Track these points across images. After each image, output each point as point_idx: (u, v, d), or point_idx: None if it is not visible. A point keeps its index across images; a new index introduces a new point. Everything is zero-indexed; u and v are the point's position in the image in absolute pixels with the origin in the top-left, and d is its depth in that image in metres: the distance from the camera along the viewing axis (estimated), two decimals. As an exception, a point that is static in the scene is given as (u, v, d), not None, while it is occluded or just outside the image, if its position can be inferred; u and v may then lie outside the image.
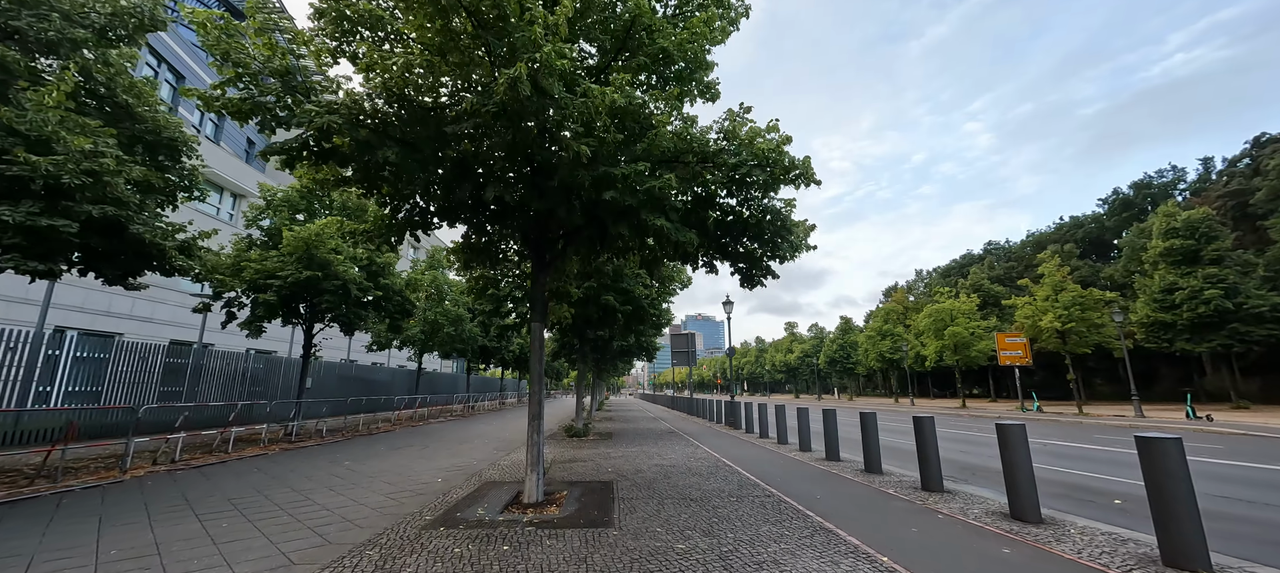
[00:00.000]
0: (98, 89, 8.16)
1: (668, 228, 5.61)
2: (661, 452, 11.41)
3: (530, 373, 6.82)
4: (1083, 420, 21.79)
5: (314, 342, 16.03)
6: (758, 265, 7.30)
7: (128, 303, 19.59)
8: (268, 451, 11.15)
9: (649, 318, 15.58)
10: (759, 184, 6.13)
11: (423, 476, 8.55)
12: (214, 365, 18.97)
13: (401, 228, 7.11)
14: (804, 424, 11.96)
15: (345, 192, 16.05)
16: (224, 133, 24.75)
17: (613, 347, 23.18)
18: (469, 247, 8.43)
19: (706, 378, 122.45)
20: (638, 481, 7.89)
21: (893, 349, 48.43)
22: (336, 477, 8.34)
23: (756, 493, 6.96)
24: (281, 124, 5.31)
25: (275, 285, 13.22)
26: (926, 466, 7.25)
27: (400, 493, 7.15)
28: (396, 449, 11.91)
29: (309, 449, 11.77)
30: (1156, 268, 28.45)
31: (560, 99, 4.74)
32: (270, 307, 13.50)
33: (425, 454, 11.15)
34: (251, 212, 14.91)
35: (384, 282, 15.42)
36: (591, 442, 13.55)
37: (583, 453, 11.17)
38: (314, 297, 13.69)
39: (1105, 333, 25.60)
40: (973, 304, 35.95)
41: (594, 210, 6.56)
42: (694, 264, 7.74)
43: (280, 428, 14.92)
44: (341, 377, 25.06)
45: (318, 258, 13.50)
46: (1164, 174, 55.89)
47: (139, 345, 15.76)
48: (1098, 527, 5.37)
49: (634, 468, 9.08)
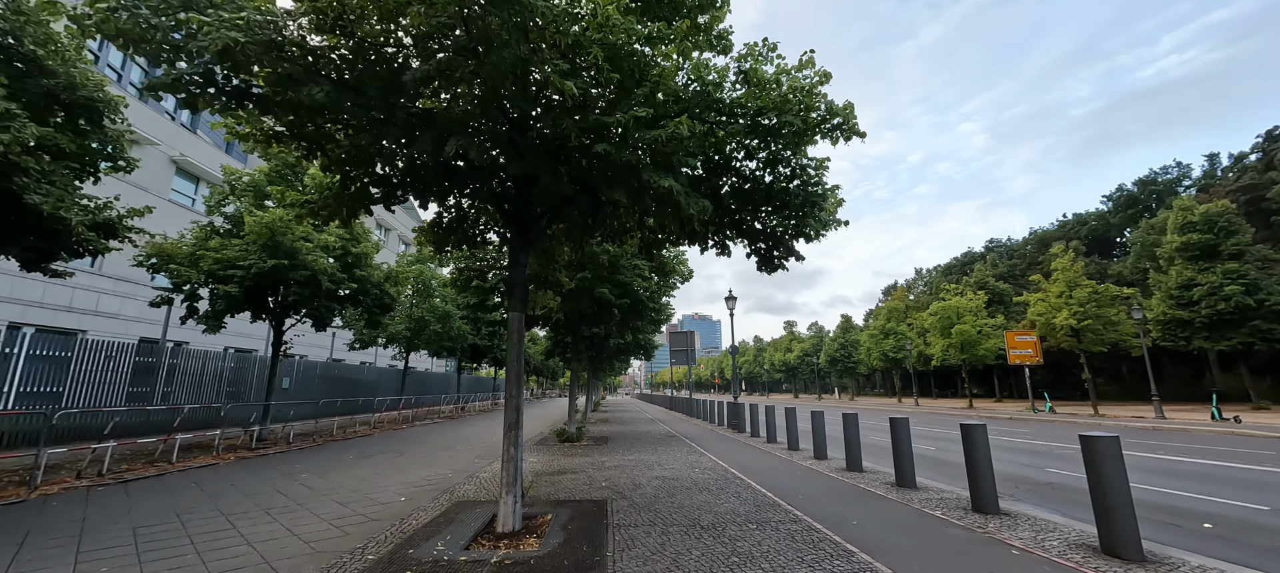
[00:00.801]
0: (4, 41, 6.93)
1: (677, 191, 4.43)
2: (662, 461, 10.24)
3: (506, 371, 5.64)
4: (1102, 422, 20.73)
5: (285, 339, 14.79)
6: (780, 245, 6.14)
7: (91, 298, 18.31)
8: (221, 460, 9.93)
9: (647, 313, 14.41)
10: (787, 137, 4.95)
11: (385, 492, 7.35)
12: (188, 366, 17.85)
13: (355, 201, 5.92)
14: (818, 428, 10.81)
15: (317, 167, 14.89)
16: (200, 122, 23.44)
17: (609, 345, 22.04)
18: (440, 226, 7.25)
19: (704, 378, 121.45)
20: (636, 499, 6.72)
21: (896, 348, 47.38)
22: (283, 495, 7.14)
23: (779, 517, 5.80)
24: (179, 53, 4.11)
25: (237, 276, 11.99)
26: (979, 483, 6.11)
27: (349, 518, 5.95)
28: (367, 457, 10.71)
29: (269, 458, 10.56)
30: (1172, 263, 27.45)
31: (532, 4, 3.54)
32: (232, 300, 12.27)
33: (398, 463, 9.95)
34: (214, 196, 13.65)
35: (360, 273, 14.18)
36: (584, 448, 12.38)
37: (574, 462, 9.99)
38: (281, 289, 12.45)
39: (1121, 330, 24.59)
40: (980, 301, 34.90)
41: (585, 177, 5.40)
42: (702, 244, 6.57)
43: (246, 433, 13.69)
44: (324, 377, 23.77)
45: (284, 246, 12.27)
46: (1168, 170, 55.10)
47: (105, 344, 14.66)
48: (1220, 567, 4.23)
49: (631, 482, 7.91)
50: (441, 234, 7.20)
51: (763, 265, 6.38)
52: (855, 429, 9.38)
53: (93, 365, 14.12)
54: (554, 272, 8.61)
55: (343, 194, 5.79)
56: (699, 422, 21.90)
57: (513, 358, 5.60)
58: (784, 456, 11.06)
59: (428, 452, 11.68)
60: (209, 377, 18.35)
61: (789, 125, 4.76)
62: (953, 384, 63.94)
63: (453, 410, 28.12)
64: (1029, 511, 6.12)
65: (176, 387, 17.33)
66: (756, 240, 6.19)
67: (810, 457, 10.67)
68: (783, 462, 10.11)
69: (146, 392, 16.25)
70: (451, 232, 7.40)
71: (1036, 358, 29.00)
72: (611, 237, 8.00)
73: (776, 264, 6.32)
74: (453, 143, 4.40)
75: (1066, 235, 55.04)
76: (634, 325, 15.33)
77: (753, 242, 6.22)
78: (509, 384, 5.57)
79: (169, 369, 16.91)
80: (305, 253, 12.47)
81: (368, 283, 14.43)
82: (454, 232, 7.42)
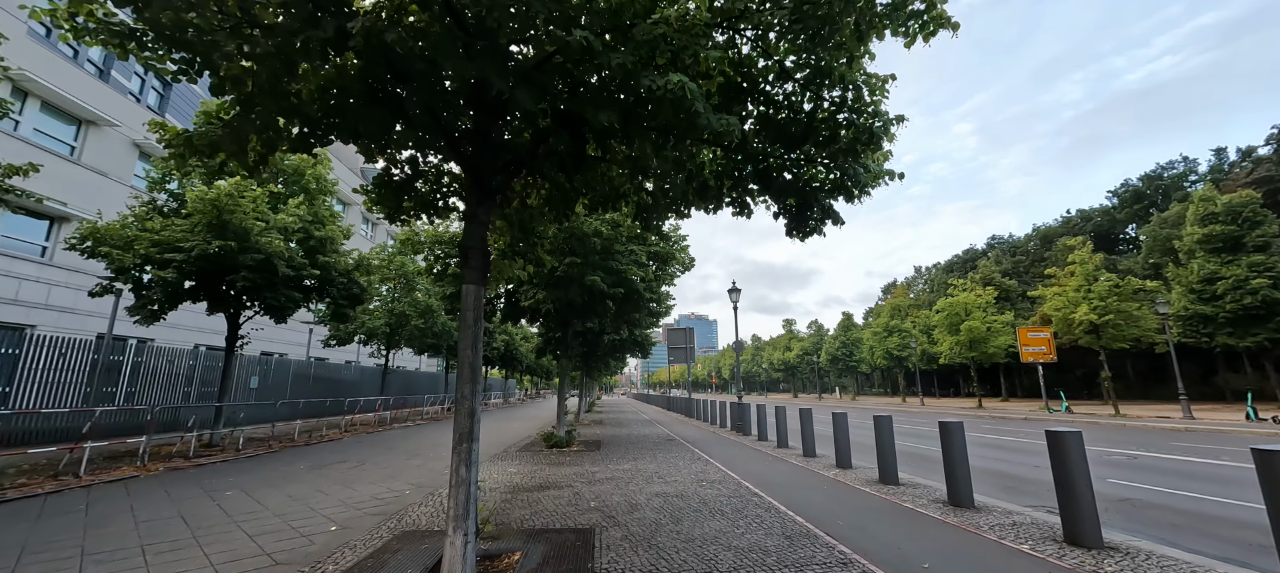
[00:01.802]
0: None
1: (689, 94, 3.00)
2: (663, 471, 8.82)
3: (459, 362, 4.22)
4: (1127, 423, 19.46)
5: (242, 334, 13.29)
6: (814, 202, 4.72)
7: (40, 291, 16.75)
8: (144, 471, 8.44)
9: (645, 305, 12.99)
10: (841, 42, 3.53)
11: (316, 517, 5.90)
12: (154, 364, 16.47)
13: (262, 132, 4.46)
14: (840, 433, 9.41)
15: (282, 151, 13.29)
16: (168, 104, 21.84)
17: (603, 341, 20.60)
18: (389, 182, 5.81)
19: (700, 377, 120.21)
20: (633, 528, 5.30)
21: (901, 346, 46.10)
22: (186, 520, 5.68)
23: (822, 556, 4.39)
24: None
25: (177, 261, 10.50)
26: (1074, 505, 4.72)
27: (247, 561, 4.50)
28: (320, 468, 9.24)
29: (207, 468, 9.08)
30: (1193, 257, 26.25)
31: None
32: (171, 287, 10.77)
33: (352, 475, 8.49)
34: (156, 169, 12.12)
35: (324, 260, 12.69)
36: (574, 455, 10.95)
37: (560, 473, 8.56)
38: (228, 275, 10.95)
39: (1144, 326, 23.34)
40: (990, 297, 33.62)
41: (563, 105, 3.99)
42: (716, 201, 5.17)
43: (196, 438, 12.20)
44: (299, 376, 22.24)
45: (233, 226, 10.79)
46: (1174, 165, 54.20)
47: (60, 340, 13.29)
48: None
49: (627, 501, 6.48)
50: (388, 193, 5.76)
51: (794, 229, 4.96)
52: (889, 434, 7.99)
53: (46, 362, 12.93)
54: (534, 247, 7.18)
55: (243, 125, 4.33)
56: (699, 423, 20.50)
57: (467, 344, 4.17)
58: (799, 463, 9.67)
59: (392, 460, 10.22)
60: (178, 376, 16.97)
61: (840, 22, 3.33)
62: (954, 383, 62.83)
63: (437, 412, 26.62)
64: (1139, 543, 4.74)
65: (142, 387, 16.04)
66: (786, 196, 4.77)
67: (832, 466, 9.28)
68: (801, 471, 8.72)
69: (109, 392, 14.98)
70: (403, 191, 5.96)
71: (1050, 356, 27.77)
72: (601, 202, 6.60)
73: (811, 227, 4.91)
74: (361, 20, 2.97)
75: (1070, 231, 54.02)
76: (630, 319, 13.93)
77: (781, 198, 4.80)
78: (461, 381, 4.14)
79: (133, 368, 15.64)
80: (257, 234, 10.98)
81: (333, 270, 12.94)
82: (406, 191, 5.98)
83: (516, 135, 4.92)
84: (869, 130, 4.03)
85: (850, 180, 4.51)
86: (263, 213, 11.49)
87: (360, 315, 20.20)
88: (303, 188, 13.24)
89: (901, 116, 4.07)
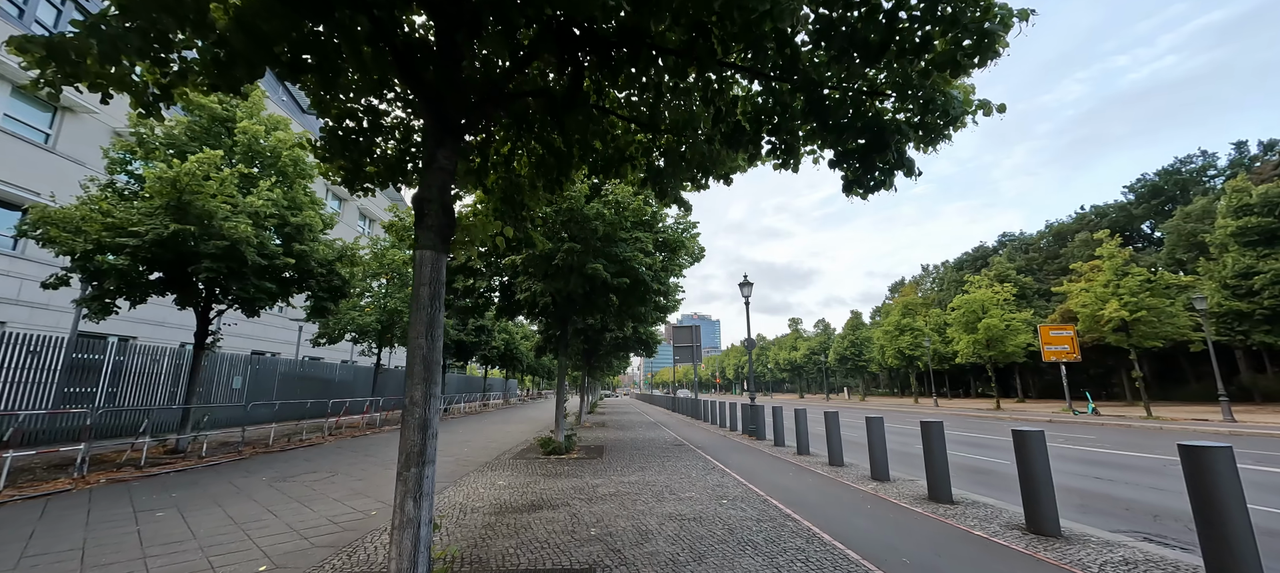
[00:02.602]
0: None
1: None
2: (675, 484, 7.68)
3: (408, 354, 3.08)
4: (1164, 426, 18.20)
5: (213, 328, 12.21)
6: (887, 143, 3.57)
7: (11, 285, 15.73)
8: (84, 484, 7.35)
9: (650, 297, 11.84)
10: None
11: (251, 550, 4.77)
12: (135, 363, 15.49)
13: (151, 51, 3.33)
14: (876, 440, 8.24)
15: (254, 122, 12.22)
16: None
17: (605, 338, 19.47)
18: (339, 139, 4.70)
19: (704, 378, 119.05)
20: (644, 568, 4.16)
21: (913, 345, 44.77)
22: (78, 556, 4.57)
23: (901, 618, 3.24)
24: None
25: (130, 246, 9.41)
26: (1226, 546, 3.55)
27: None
28: (284, 480, 8.12)
29: (159, 480, 7.97)
30: (1227, 250, 24.93)
31: None
32: (123, 275, 9.68)
33: (315, 490, 7.37)
34: (117, 149, 11.03)
35: (300, 248, 11.58)
36: (573, 463, 9.82)
37: (556, 487, 7.42)
38: (189, 263, 9.85)
39: (1177, 324, 22.05)
40: (1008, 293, 32.30)
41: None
42: (753, 148, 4.02)
43: (160, 443, 11.13)
44: (286, 375, 21.19)
45: (194, 209, 9.70)
46: (1192, 160, 52.75)
47: (29, 337, 12.34)
48: None
49: (635, 527, 5.34)
50: (340, 148, 4.63)
51: (855, 183, 3.82)
52: (940, 442, 6.82)
53: (10, 362, 11.97)
54: (523, 224, 6.01)
55: (127, 38, 3.20)
56: (708, 426, 19.34)
57: (419, 329, 3.04)
58: (827, 474, 8.51)
59: (367, 471, 9.09)
60: (165, 376, 15.98)
61: None
62: (964, 384, 61.38)
63: (434, 413, 25.45)
64: None
65: (122, 387, 15.08)
66: (850, 136, 3.61)
67: (865, 477, 8.12)
68: (834, 485, 7.55)
69: (88, 393, 14.06)
70: (364, 152, 4.85)
71: (1074, 355, 26.49)
72: (603, 166, 5.47)
73: (876, 181, 3.77)
74: None
75: (1085, 227, 52.66)
76: (636, 313, 12.77)
77: (842, 138, 3.64)
78: (411, 381, 3.01)
79: (113, 368, 14.66)
80: (222, 218, 9.89)
81: (310, 260, 11.84)
82: (367, 152, 4.87)
83: (491, 57, 3.79)
84: (979, 31, 2.88)
85: (937, 113, 3.35)
86: (230, 195, 10.40)
87: (348, 311, 19.12)
88: (279, 170, 12.14)
89: (1027, 11, 2.89)
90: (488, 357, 33.72)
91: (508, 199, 5.88)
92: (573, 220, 9.85)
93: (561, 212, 9.75)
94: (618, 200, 9.88)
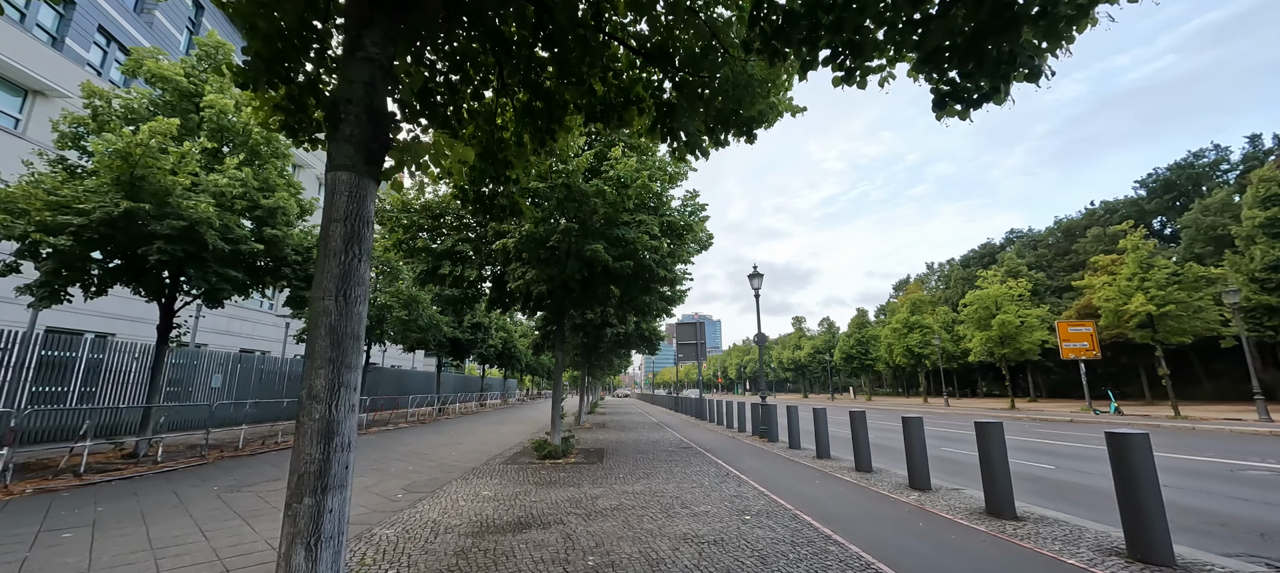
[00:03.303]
0: None
1: None
2: (685, 494, 6.65)
3: (308, 332, 2.05)
4: (1196, 427, 17.15)
5: (178, 321, 11.22)
6: (1007, 29, 2.52)
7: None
8: (7, 495, 6.33)
9: (655, 287, 10.81)
10: None
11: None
12: (113, 361, 14.48)
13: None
14: (915, 443, 7.21)
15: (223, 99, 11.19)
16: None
17: (606, 334, 18.45)
18: (259, 57, 3.65)
19: (707, 377, 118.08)
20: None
21: (921, 343, 43.67)
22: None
23: None
24: None
25: (75, 225, 8.39)
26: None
27: None
28: (234, 490, 7.09)
29: (92, 490, 6.95)
30: (1254, 243, 23.85)
31: None
32: (66, 258, 8.66)
33: (266, 504, 6.34)
34: (67, 124, 10.00)
35: (272, 233, 10.56)
36: (570, 469, 8.80)
37: (549, 499, 6.39)
38: (141, 245, 8.82)
39: (1206, 318, 20.98)
40: (1023, 288, 31.19)
41: None
42: (809, 49, 2.99)
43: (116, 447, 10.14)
44: (271, 374, 20.17)
45: (148, 185, 8.68)
46: (1205, 154, 51.67)
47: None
48: None
49: (644, 554, 4.32)
50: (258, 63, 3.59)
51: (950, 99, 2.79)
52: (1000, 447, 5.79)
53: None
54: (508, 184, 4.97)
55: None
56: (714, 427, 18.32)
57: (325, 284, 2.01)
58: (857, 482, 7.49)
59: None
60: (143, 374, 14.99)
61: None
62: (971, 383, 60.28)
63: (429, 414, 24.52)
64: None
65: (101, 386, 14.07)
66: (940, 38, 2.58)
67: (902, 486, 7.10)
68: (870, 496, 6.52)
69: (60, 391, 13.06)
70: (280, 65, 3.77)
71: (1093, 352, 25.45)
72: (603, 111, 4.48)
73: (984, 90, 2.73)
74: None
75: (1095, 223, 51.65)
76: (639, 303, 11.75)
77: (928, 43, 2.61)
78: (311, 362, 1.98)
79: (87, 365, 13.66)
80: (179, 195, 8.87)
81: (284, 246, 10.82)
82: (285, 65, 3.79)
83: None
84: None
85: None
86: (194, 171, 9.39)
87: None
88: (249, 148, 11.12)
89: None
90: (485, 355, 32.67)
91: (488, 155, 4.87)
92: (570, 198, 8.82)
93: (557, 188, 8.72)
94: (619, 177, 8.85)
